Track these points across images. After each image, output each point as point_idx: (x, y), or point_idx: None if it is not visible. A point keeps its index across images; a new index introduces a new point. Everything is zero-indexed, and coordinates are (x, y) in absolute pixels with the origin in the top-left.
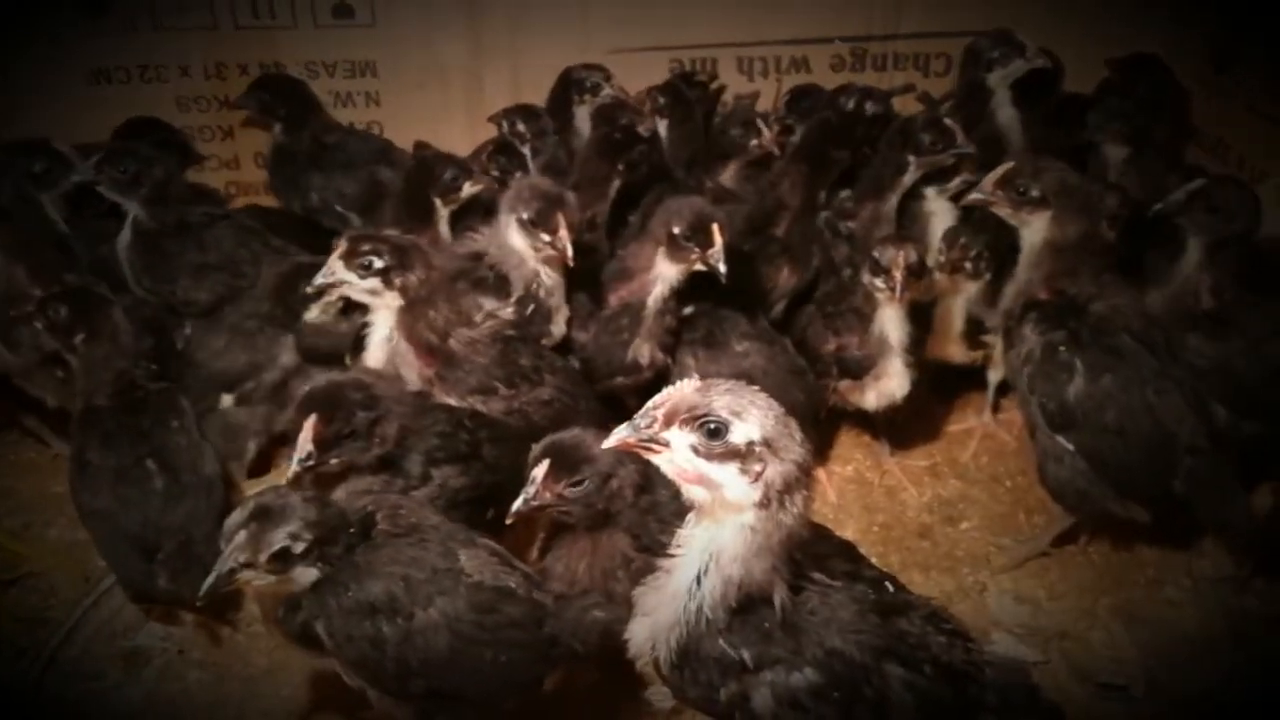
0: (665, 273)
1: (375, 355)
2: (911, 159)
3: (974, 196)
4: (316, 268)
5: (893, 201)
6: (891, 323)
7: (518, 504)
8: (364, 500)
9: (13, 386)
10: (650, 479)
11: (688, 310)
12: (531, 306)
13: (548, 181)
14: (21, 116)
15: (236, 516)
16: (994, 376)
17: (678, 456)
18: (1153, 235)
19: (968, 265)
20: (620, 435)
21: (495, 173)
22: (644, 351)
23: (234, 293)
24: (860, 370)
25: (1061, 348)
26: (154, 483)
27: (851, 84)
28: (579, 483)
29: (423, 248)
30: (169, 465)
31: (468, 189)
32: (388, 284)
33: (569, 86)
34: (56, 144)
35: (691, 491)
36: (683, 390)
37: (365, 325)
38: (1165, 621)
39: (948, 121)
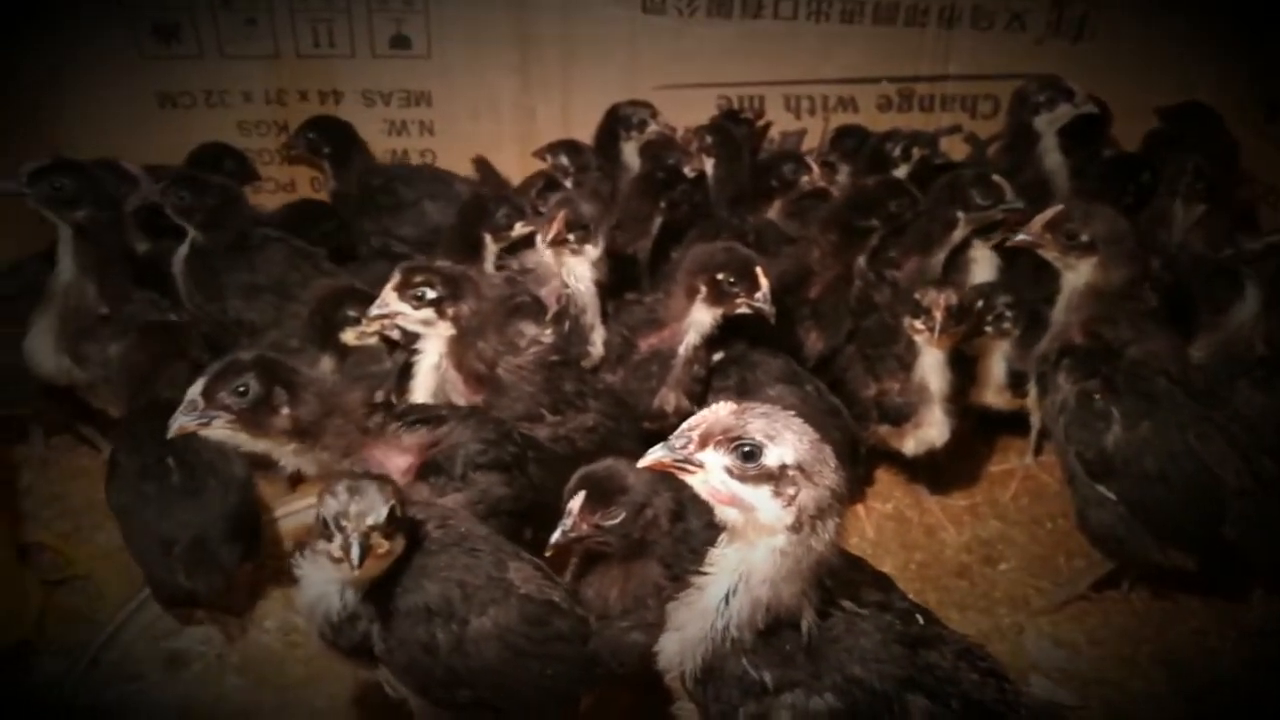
0: (700, 319)
1: (424, 383)
2: (961, 214)
3: (1021, 238)
4: (359, 292)
5: (940, 257)
6: (933, 370)
7: (555, 535)
8: (413, 509)
9: (71, 395)
10: (684, 508)
11: (718, 357)
12: (567, 325)
13: (584, 199)
14: (94, 138)
15: (338, 497)
16: (1036, 420)
17: (712, 478)
18: (1206, 283)
19: (990, 324)
20: (655, 455)
21: (543, 209)
22: (669, 400)
23: (284, 315)
24: (900, 417)
25: (1096, 395)
26: (171, 479)
27: (898, 129)
28: (615, 514)
29: (474, 278)
30: (187, 464)
31: (519, 229)
32: (441, 314)
33: (616, 122)
34: (125, 164)
35: (724, 513)
36: (718, 413)
37: (413, 354)
38: (1208, 672)
39: (996, 177)
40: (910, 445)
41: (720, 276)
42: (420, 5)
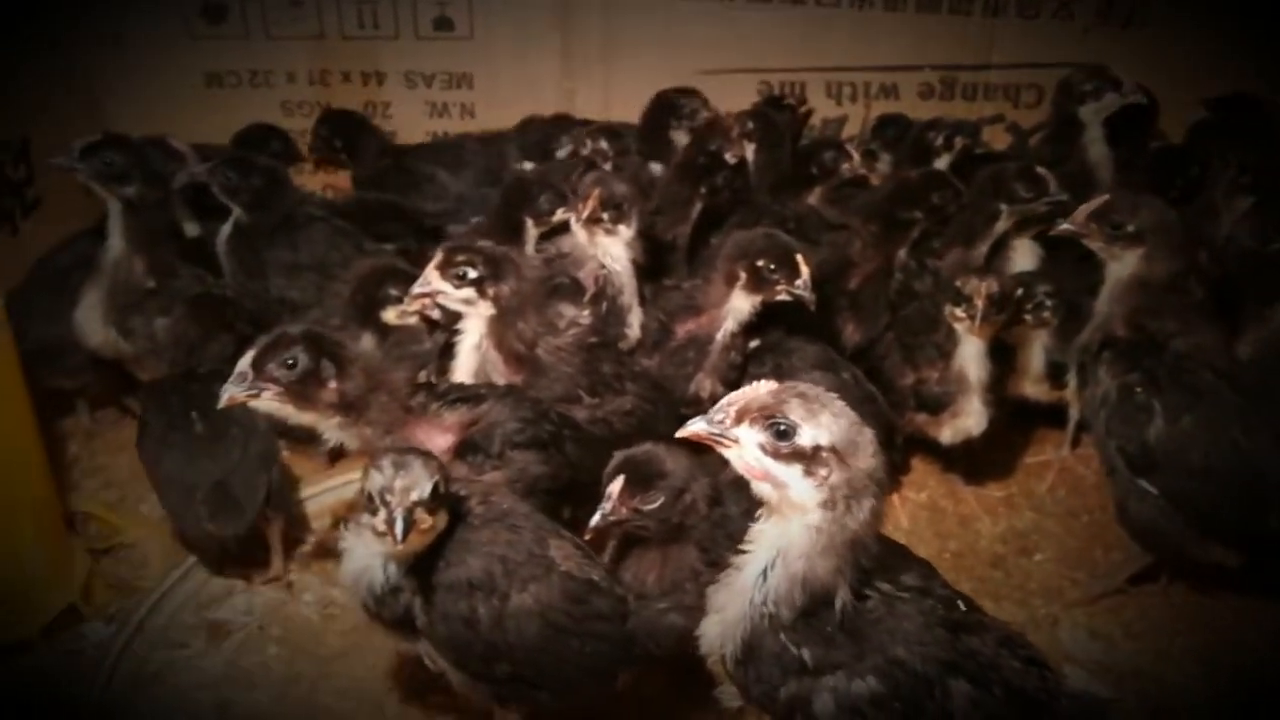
0: (739, 306)
1: (465, 363)
2: (1004, 207)
3: (1065, 227)
4: (400, 270)
5: (982, 249)
6: (972, 359)
7: (595, 519)
8: (456, 485)
9: (118, 368)
10: (721, 493)
11: (754, 344)
12: (605, 306)
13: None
14: (142, 116)
15: (383, 472)
16: (1074, 412)
17: (746, 453)
18: (1254, 277)
19: (1029, 313)
20: (693, 427)
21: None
22: (705, 386)
23: (326, 293)
24: (938, 406)
25: (1138, 389)
26: (195, 428)
27: (940, 118)
28: (654, 498)
29: (515, 258)
30: (210, 415)
31: (560, 215)
32: (482, 294)
33: (665, 111)
34: (173, 141)
35: (759, 488)
36: (758, 390)
37: (454, 334)
38: (1244, 669)
39: (1040, 170)
40: (947, 434)
41: (760, 263)
42: None
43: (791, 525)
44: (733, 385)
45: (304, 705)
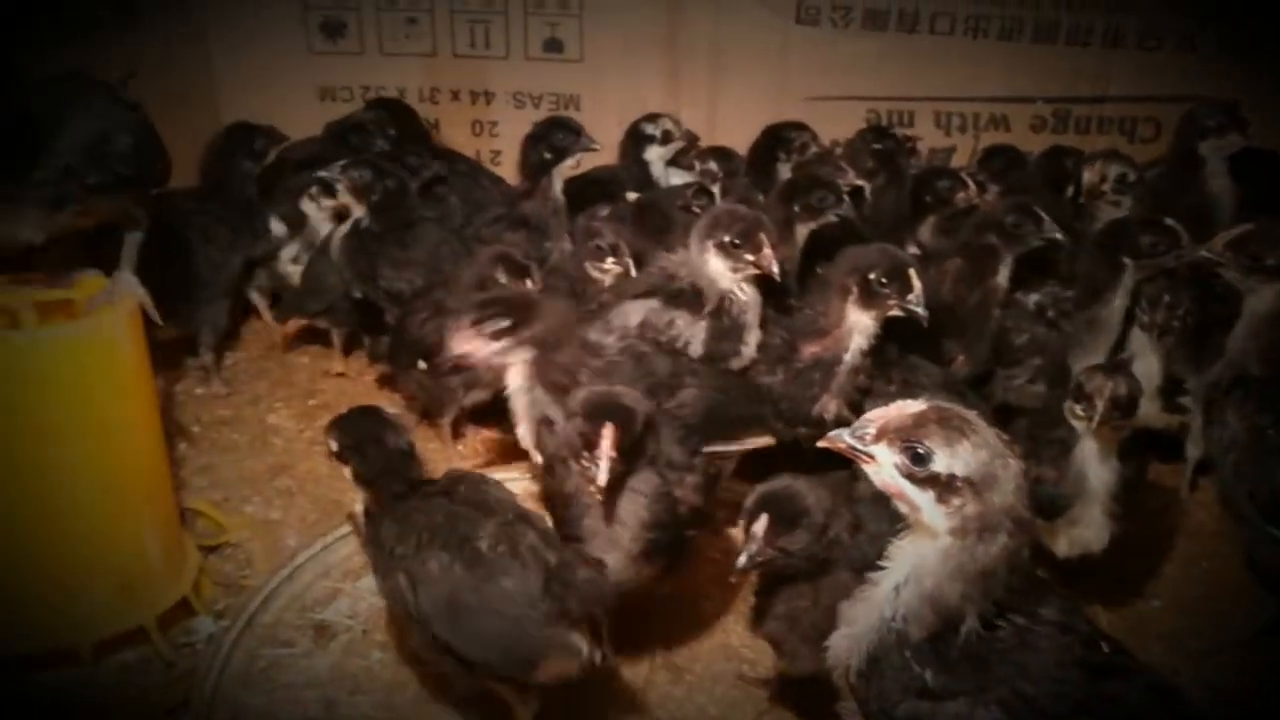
0: (860, 322)
1: (520, 408)
2: (1129, 261)
3: (1202, 254)
4: (509, 257)
5: (1114, 305)
6: (1093, 461)
7: (742, 560)
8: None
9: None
10: (860, 519)
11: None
12: (726, 321)
13: (740, 206)
14: None
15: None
16: (1193, 452)
17: (883, 472)
18: None
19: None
20: (835, 438)
21: (697, 210)
22: (830, 408)
23: (432, 286)
24: (1052, 510)
25: (1270, 432)
26: None
27: (1056, 146)
28: (799, 537)
29: (535, 298)
30: None
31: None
32: (516, 342)
33: (775, 144)
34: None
35: (898, 505)
36: (903, 409)
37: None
38: None
39: (1170, 221)
40: (1063, 545)
41: (872, 276)
42: (575, 9)
43: (927, 544)
44: (857, 408)
45: (409, 712)
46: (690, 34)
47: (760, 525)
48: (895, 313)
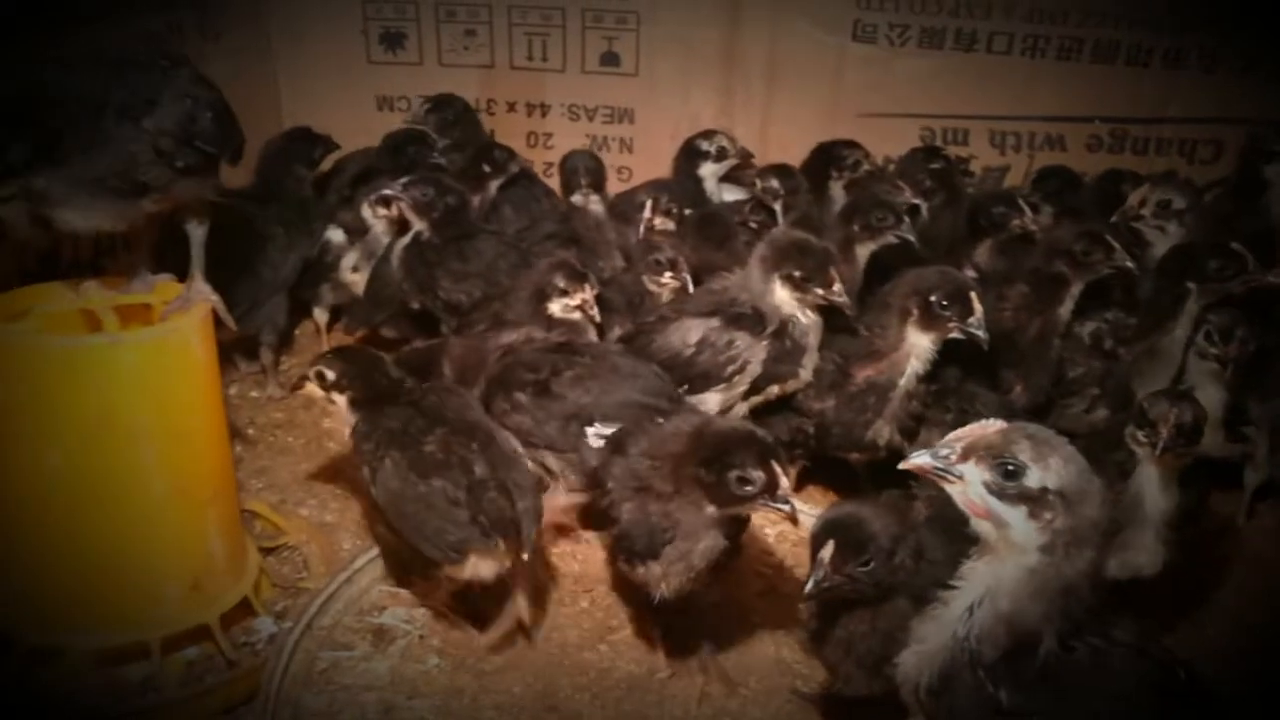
0: (919, 345)
1: None
2: (1193, 286)
3: (1271, 280)
4: (569, 265)
5: (1176, 334)
6: (1150, 486)
7: (809, 587)
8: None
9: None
10: (923, 545)
11: (933, 387)
12: (787, 343)
13: (808, 235)
14: None
15: None
16: (1252, 478)
17: (970, 490)
18: None
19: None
20: (918, 460)
21: (754, 225)
22: (884, 433)
23: (489, 299)
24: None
25: None
26: None
27: (1114, 170)
28: (866, 563)
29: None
30: None
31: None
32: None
33: (828, 161)
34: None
35: (979, 526)
36: (986, 428)
37: None
38: None
39: (1236, 245)
40: (1113, 567)
41: (933, 298)
42: (633, 24)
43: (1005, 565)
44: (909, 435)
45: (466, 718)
46: (746, 50)
47: (827, 551)
48: (955, 335)
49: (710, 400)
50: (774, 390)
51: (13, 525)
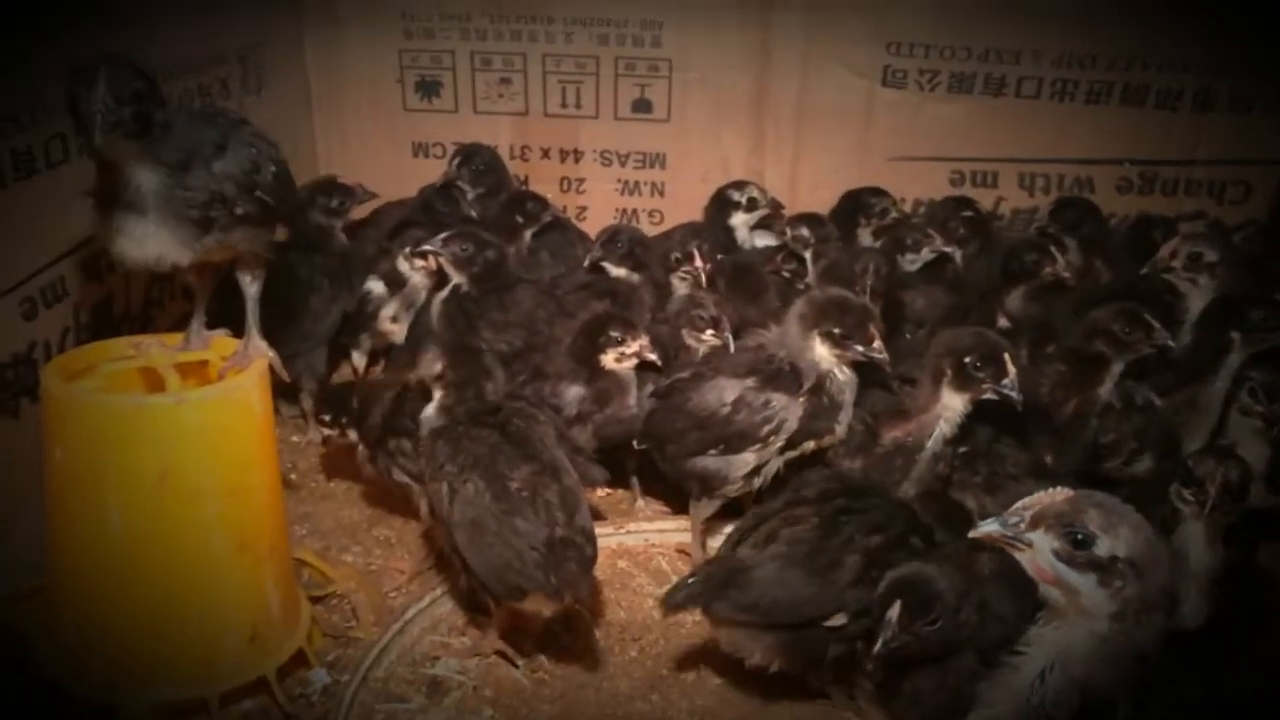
0: (951, 405)
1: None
2: (1236, 336)
3: None
4: (618, 317)
5: (1217, 386)
6: (1196, 543)
7: (878, 647)
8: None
9: None
10: (989, 601)
11: (962, 449)
12: (824, 400)
13: (846, 292)
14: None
15: None
16: None
17: (1039, 557)
18: None
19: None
20: (987, 529)
21: (785, 274)
22: (909, 495)
23: (530, 348)
24: None
25: None
26: None
27: (1145, 215)
28: (933, 621)
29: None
30: None
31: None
32: None
33: (856, 209)
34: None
35: (1048, 592)
36: (1055, 497)
37: None
38: None
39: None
40: None
41: (967, 359)
42: (665, 70)
43: (1075, 630)
44: None
45: None
46: (777, 96)
47: (894, 611)
48: (989, 396)
49: (746, 459)
50: (809, 446)
51: (73, 582)
